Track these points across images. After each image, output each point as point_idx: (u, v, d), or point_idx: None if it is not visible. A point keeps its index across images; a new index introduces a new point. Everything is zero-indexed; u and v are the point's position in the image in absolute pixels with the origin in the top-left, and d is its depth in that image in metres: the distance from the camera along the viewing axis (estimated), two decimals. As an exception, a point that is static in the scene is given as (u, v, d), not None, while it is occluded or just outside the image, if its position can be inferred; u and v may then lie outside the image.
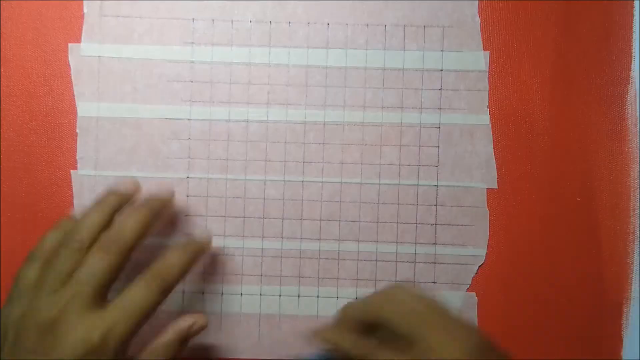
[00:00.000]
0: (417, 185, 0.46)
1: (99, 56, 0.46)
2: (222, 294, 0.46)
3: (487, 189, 0.46)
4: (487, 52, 0.46)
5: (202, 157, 0.46)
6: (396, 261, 0.46)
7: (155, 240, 0.45)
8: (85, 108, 0.45)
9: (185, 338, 0.40)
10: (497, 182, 0.46)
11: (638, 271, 0.45)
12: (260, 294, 0.46)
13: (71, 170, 0.45)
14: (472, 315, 0.45)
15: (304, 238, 0.46)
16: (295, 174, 0.46)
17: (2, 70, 0.46)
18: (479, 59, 0.46)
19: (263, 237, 0.46)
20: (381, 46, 0.46)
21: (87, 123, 0.45)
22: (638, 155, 0.46)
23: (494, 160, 0.46)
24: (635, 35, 0.46)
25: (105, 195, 0.40)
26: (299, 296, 0.46)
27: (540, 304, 0.45)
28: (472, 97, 0.46)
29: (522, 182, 0.46)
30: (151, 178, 0.46)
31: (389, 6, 0.46)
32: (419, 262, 0.46)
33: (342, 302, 0.46)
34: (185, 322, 0.40)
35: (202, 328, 0.41)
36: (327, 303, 0.46)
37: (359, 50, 0.46)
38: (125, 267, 0.39)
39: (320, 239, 0.46)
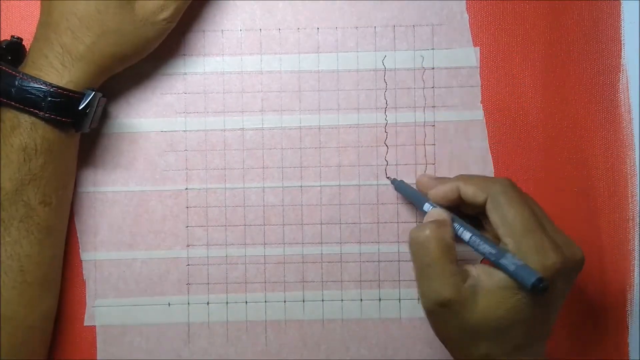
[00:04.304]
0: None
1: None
2: (227, 303, 0.46)
3: (485, 183, 0.46)
4: (478, 48, 0.46)
5: (199, 168, 0.46)
6: (399, 260, 0.46)
7: (157, 252, 0.46)
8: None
9: None
10: (494, 176, 0.46)
11: (639, 257, 0.46)
12: (265, 301, 0.46)
13: (70, 188, 0.46)
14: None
15: (306, 243, 0.46)
16: (293, 179, 0.46)
17: None
18: (470, 55, 0.46)
19: (265, 244, 0.46)
20: (372, 47, 0.46)
21: (84, 140, 0.45)
22: (633, 142, 0.46)
23: (490, 155, 0.46)
24: (623, 23, 0.46)
25: None
26: (303, 301, 0.46)
27: (544, 296, 0.46)
28: (465, 93, 0.46)
29: (519, 176, 0.46)
30: (150, 192, 0.46)
31: (377, 7, 0.46)
32: (421, 261, 0.46)
33: (347, 305, 0.46)
34: None
35: None
36: (332, 306, 0.46)
37: (350, 53, 0.46)
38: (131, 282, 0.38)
39: (322, 243, 0.46)
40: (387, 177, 0.45)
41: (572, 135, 0.46)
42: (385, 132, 0.46)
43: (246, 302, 0.46)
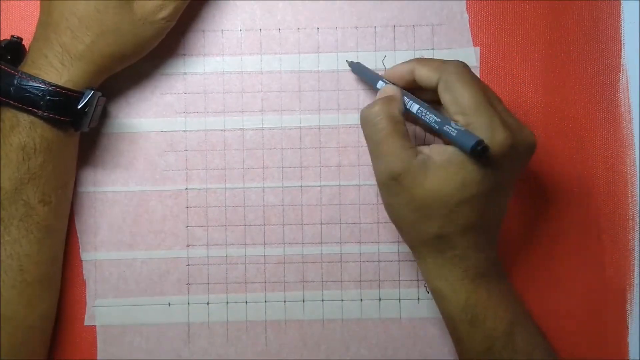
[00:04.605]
0: (415, 183, 0.46)
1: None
2: (227, 303, 0.46)
3: (485, 183, 0.46)
4: (478, 48, 0.46)
5: (199, 168, 0.46)
6: (399, 260, 0.46)
7: (157, 252, 0.46)
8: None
9: None
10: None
11: (639, 257, 0.46)
12: (265, 301, 0.46)
13: (70, 188, 0.46)
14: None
15: (306, 243, 0.46)
16: (293, 179, 0.46)
17: None
18: (470, 55, 0.46)
19: (265, 244, 0.46)
20: (372, 47, 0.46)
21: (84, 140, 0.45)
22: (632, 142, 0.46)
23: (490, 155, 0.46)
24: (623, 23, 0.46)
25: None
26: (303, 301, 0.46)
27: (543, 295, 0.46)
28: (465, 93, 0.46)
29: (519, 175, 0.46)
30: (150, 192, 0.46)
31: (377, 7, 0.46)
32: (421, 260, 0.46)
33: (347, 305, 0.46)
34: None
35: None
36: (332, 306, 0.46)
37: (350, 53, 0.46)
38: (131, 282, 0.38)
39: (322, 243, 0.46)
40: (346, 61, 0.46)
41: (572, 135, 0.46)
42: (385, 132, 0.46)
43: (246, 302, 0.46)
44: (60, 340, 0.45)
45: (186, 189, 0.46)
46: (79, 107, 0.40)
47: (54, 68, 0.39)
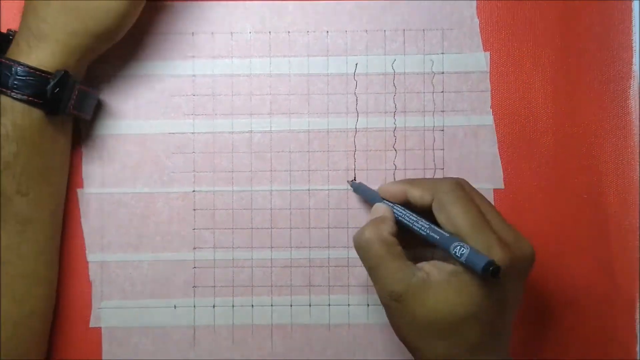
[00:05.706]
0: (424, 188, 0.46)
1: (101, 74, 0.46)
2: (233, 306, 0.46)
3: (494, 189, 0.46)
4: (488, 53, 0.46)
5: (207, 170, 0.46)
6: (406, 266, 0.45)
7: (164, 254, 0.45)
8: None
9: None
10: (504, 182, 0.46)
11: (649, 265, 0.45)
12: (272, 305, 0.46)
13: (77, 189, 0.45)
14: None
15: (313, 247, 0.46)
16: (300, 182, 0.46)
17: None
18: (480, 60, 0.46)
19: (272, 247, 0.46)
20: (381, 51, 0.46)
21: (91, 141, 0.45)
22: (643, 149, 0.46)
23: (500, 161, 0.46)
24: (635, 29, 0.46)
25: None
26: (310, 305, 0.46)
27: (553, 302, 0.45)
28: (475, 98, 0.46)
29: (528, 181, 0.46)
30: (157, 193, 0.46)
31: (387, 11, 0.46)
32: (428, 266, 0.45)
33: (354, 310, 0.45)
34: None
35: None
36: (338, 311, 0.45)
37: (359, 56, 0.46)
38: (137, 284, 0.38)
39: (329, 247, 0.46)
40: (347, 181, 0.46)
41: (583, 142, 0.46)
42: (394, 136, 0.46)
43: (252, 305, 0.46)
44: (65, 342, 0.45)
45: (193, 191, 0.46)
46: (49, 87, 0.38)
47: (22, 51, 0.38)
